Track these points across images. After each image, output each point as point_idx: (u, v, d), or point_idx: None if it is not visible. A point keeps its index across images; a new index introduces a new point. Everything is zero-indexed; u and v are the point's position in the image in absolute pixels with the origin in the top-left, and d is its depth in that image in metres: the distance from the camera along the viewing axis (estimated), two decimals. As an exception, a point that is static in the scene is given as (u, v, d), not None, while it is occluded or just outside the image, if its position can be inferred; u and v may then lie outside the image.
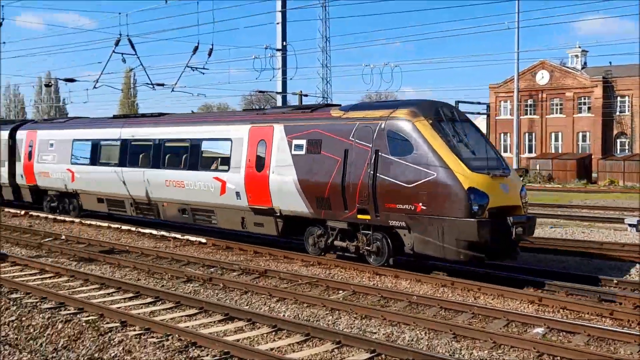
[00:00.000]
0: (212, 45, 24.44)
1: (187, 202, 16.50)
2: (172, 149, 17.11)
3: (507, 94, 61.20)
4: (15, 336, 8.76)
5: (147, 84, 26.62)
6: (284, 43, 28.50)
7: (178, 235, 17.15)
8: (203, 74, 25.80)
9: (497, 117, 62.04)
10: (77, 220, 20.53)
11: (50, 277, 12.52)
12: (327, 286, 11.81)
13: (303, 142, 13.79)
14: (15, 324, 9.22)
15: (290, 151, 13.97)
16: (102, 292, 11.31)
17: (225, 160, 15.42)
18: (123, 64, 27.38)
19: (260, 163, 14.56)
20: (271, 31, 30.42)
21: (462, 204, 11.35)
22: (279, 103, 29.90)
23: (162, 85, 25.81)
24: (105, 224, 19.54)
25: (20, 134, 23.41)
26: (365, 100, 45.43)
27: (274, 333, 8.85)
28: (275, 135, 14.40)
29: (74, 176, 20.41)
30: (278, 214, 14.36)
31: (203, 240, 16.55)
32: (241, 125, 15.29)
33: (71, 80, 27.10)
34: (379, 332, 8.97)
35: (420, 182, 11.77)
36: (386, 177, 12.23)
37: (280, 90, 29.21)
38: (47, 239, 17.17)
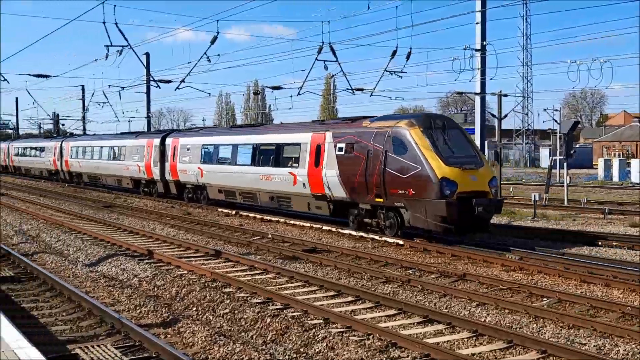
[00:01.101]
0: (410, 48, 24.50)
1: (274, 191, 22.18)
2: (264, 151, 22.87)
3: None
4: (229, 327, 9.49)
5: (347, 89, 27.54)
6: (484, 43, 27.69)
7: (376, 237, 17.49)
8: (401, 77, 26.00)
9: None
10: (282, 220, 21.87)
11: (259, 274, 13.46)
12: (530, 292, 11.32)
13: (343, 145, 18.86)
14: (228, 316, 9.99)
15: (335, 152, 19.11)
16: (305, 289, 11.89)
17: (296, 159, 20.93)
18: (324, 71, 28.50)
19: (317, 161, 19.85)
20: (470, 31, 29.76)
21: (436, 189, 15.85)
22: (477, 104, 29.09)
23: (362, 90, 26.43)
24: (308, 224, 20.55)
25: (168, 141, 30.42)
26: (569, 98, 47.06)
27: (474, 338, 8.68)
28: (326, 140, 19.63)
29: (202, 173, 26.97)
30: (329, 199, 19.70)
31: (400, 242, 16.72)
32: (306, 133, 20.75)
33: (277, 87, 28.86)
34: (588, 343, 8.40)
35: (411, 173, 16.42)
36: (391, 170, 16.92)
37: (478, 91, 28.45)
38: (255, 238, 18.50)
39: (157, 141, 32.46)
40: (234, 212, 24.52)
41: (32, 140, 60.21)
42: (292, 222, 21.37)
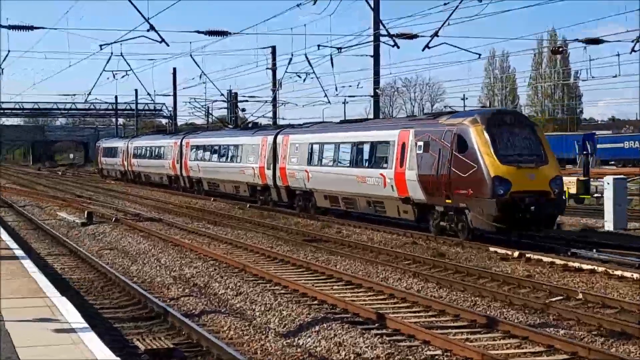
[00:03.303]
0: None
1: (369, 195, 32.12)
2: (360, 151, 32.94)
3: None
4: None
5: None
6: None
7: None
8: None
9: None
10: (600, 268, 21.33)
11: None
12: None
13: (422, 143, 28.23)
14: None
15: (415, 151, 28.42)
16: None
17: (386, 159, 30.91)
18: None
19: (402, 161, 29.34)
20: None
21: (490, 188, 25.00)
22: None
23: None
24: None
25: (279, 138, 40.11)
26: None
27: None
28: (409, 138, 29.15)
29: (309, 176, 36.38)
30: (412, 202, 29.02)
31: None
32: (395, 130, 30.79)
33: (596, 41, 29.67)
34: None
35: (470, 172, 25.42)
36: (455, 170, 26.15)
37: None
38: (555, 298, 18.21)
39: (270, 139, 41.12)
40: (515, 254, 24.43)
41: (153, 138, 72.43)
42: (617, 272, 20.76)
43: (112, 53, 48.91)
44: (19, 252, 22.18)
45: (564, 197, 27.46)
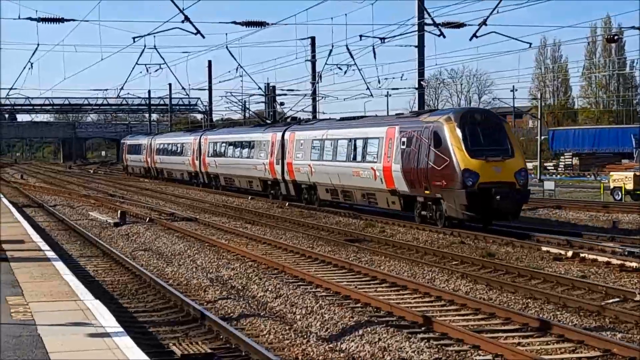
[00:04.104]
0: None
1: (363, 187, 37.12)
2: (355, 146, 38.09)
3: None
4: None
5: None
6: None
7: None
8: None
9: None
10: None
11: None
12: None
13: (405, 139, 32.97)
14: None
15: (400, 146, 33.33)
16: None
17: (376, 154, 35.54)
18: None
19: (390, 155, 34.03)
20: None
21: (459, 180, 29.56)
22: None
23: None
24: None
25: (287, 135, 45.55)
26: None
27: None
28: (395, 134, 34.01)
29: (312, 170, 41.78)
30: (398, 194, 33.88)
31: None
32: (383, 127, 35.80)
33: None
34: None
35: (443, 165, 30.16)
36: (432, 163, 30.81)
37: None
38: (611, 300, 18.10)
39: (279, 135, 46.80)
40: (569, 254, 24.33)
41: (175, 135, 79.09)
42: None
43: (145, 46, 49.70)
44: (51, 254, 22.39)
45: (528, 188, 32.37)
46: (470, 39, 34.16)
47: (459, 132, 30.49)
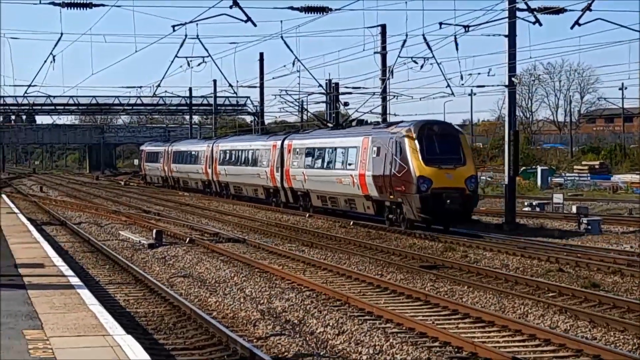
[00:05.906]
0: None
1: (345, 194, 47.00)
2: (339, 154, 47.88)
3: None
4: None
5: None
6: None
7: None
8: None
9: None
10: None
11: None
12: None
13: (375, 148, 43.60)
14: None
15: (371, 155, 43.88)
16: None
17: (354, 163, 45.94)
18: None
19: (364, 163, 44.56)
20: None
21: (415, 185, 39.83)
22: None
23: None
24: None
25: (286, 143, 54.78)
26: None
27: None
28: (368, 144, 44.62)
29: (305, 178, 50.89)
30: (371, 199, 44.33)
31: None
32: (359, 137, 46.23)
33: None
34: None
35: (403, 172, 40.48)
36: (394, 171, 41.19)
37: None
38: None
39: (279, 143, 56.66)
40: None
41: (189, 142, 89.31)
42: None
43: (186, 35, 49.50)
44: (75, 280, 22.53)
45: (477, 194, 42.60)
46: (572, 27, 34.03)
47: (416, 142, 40.15)
